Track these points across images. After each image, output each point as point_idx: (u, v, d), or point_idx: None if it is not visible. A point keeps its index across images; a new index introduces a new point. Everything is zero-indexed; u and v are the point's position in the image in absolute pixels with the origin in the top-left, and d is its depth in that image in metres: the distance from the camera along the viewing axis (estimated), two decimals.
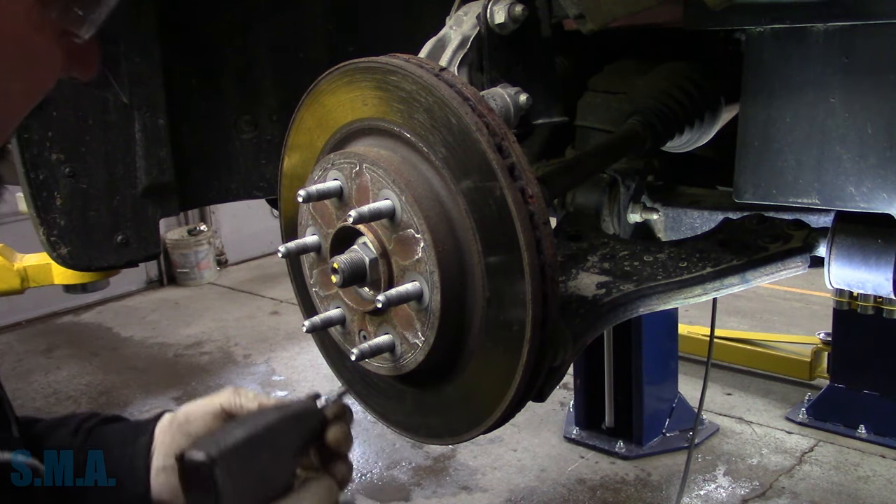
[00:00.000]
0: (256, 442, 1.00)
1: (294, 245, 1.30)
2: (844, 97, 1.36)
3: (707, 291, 1.53)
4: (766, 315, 7.13)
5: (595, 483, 4.79)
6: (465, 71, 1.42)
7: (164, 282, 9.08)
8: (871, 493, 4.57)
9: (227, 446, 0.97)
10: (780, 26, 1.40)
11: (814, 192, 1.43)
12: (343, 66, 1.25)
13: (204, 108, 2.08)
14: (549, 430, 5.37)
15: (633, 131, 1.75)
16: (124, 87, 1.86)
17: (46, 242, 1.87)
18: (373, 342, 1.21)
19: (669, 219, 1.95)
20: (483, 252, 1.12)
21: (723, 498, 4.63)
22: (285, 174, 1.46)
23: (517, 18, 1.38)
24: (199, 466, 0.95)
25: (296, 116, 1.38)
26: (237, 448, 0.98)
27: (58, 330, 7.79)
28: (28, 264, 5.41)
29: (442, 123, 1.12)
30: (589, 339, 1.42)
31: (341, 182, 1.23)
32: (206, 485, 0.94)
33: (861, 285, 1.52)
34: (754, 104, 1.48)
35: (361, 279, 1.20)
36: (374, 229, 1.19)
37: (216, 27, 2.05)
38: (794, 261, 1.55)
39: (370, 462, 5.08)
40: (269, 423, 1.03)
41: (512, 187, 1.07)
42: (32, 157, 1.80)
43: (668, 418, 5.15)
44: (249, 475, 0.98)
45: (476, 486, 4.83)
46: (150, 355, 7.09)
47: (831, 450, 5.00)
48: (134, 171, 1.91)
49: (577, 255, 1.60)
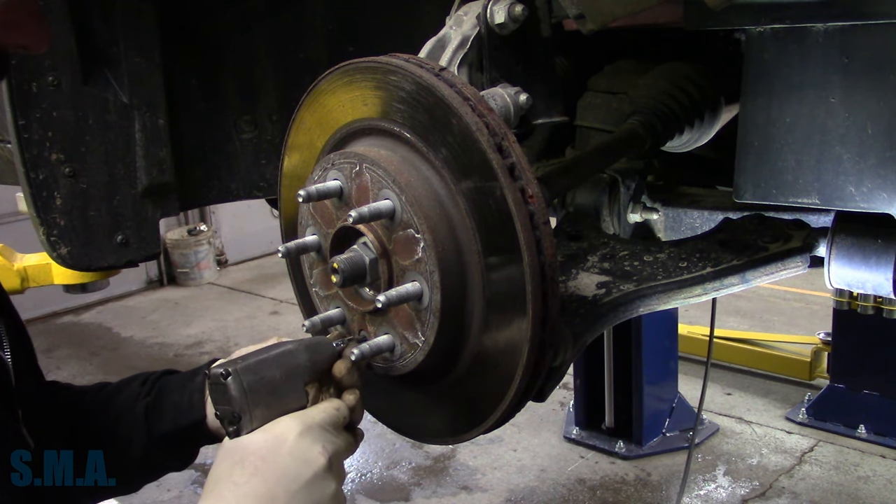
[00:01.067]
0: (270, 362, 1.14)
1: (294, 245, 1.30)
2: (844, 97, 1.36)
3: (707, 291, 1.53)
4: (766, 315, 7.14)
5: (595, 483, 4.79)
6: (465, 71, 1.41)
7: (164, 282, 9.09)
8: (871, 493, 4.57)
9: (242, 365, 1.12)
10: (780, 26, 1.39)
11: (814, 192, 1.43)
12: (343, 66, 1.25)
13: (204, 108, 2.08)
14: (549, 430, 5.37)
15: (633, 131, 1.75)
16: (124, 87, 1.86)
17: (46, 242, 1.87)
18: (373, 342, 1.21)
19: (669, 219, 1.95)
20: (483, 252, 1.12)
21: (723, 498, 4.63)
22: (285, 174, 1.46)
23: (517, 18, 1.38)
24: (217, 380, 1.11)
25: (296, 116, 1.38)
26: (250, 366, 1.12)
27: (58, 330, 7.79)
28: (28, 264, 5.42)
29: (442, 123, 1.12)
30: (589, 339, 1.42)
31: (341, 182, 1.23)
32: (225, 394, 1.11)
33: (861, 285, 1.52)
34: (754, 104, 1.48)
35: (361, 279, 1.20)
36: (374, 229, 1.19)
37: (216, 27, 2.05)
38: (794, 261, 1.55)
39: (370, 462, 5.08)
40: (284, 349, 1.16)
41: (512, 187, 1.07)
42: (32, 157, 1.80)
43: (668, 418, 5.15)
44: (263, 390, 1.11)
45: (476, 486, 4.83)
46: (150, 355, 7.09)
47: (831, 450, 5.00)
48: (134, 171, 1.91)
49: (577, 255, 1.60)
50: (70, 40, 1.78)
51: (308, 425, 1.11)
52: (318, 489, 1.08)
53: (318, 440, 1.10)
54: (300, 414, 1.13)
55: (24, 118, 1.77)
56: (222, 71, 2.09)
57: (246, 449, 1.09)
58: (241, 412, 1.10)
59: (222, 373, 1.10)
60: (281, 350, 1.16)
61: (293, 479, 1.06)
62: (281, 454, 1.07)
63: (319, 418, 1.13)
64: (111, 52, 1.85)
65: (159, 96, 1.91)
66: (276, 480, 1.06)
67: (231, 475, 1.06)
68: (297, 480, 1.06)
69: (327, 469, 1.09)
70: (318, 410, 1.14)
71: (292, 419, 1.11)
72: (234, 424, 1.11)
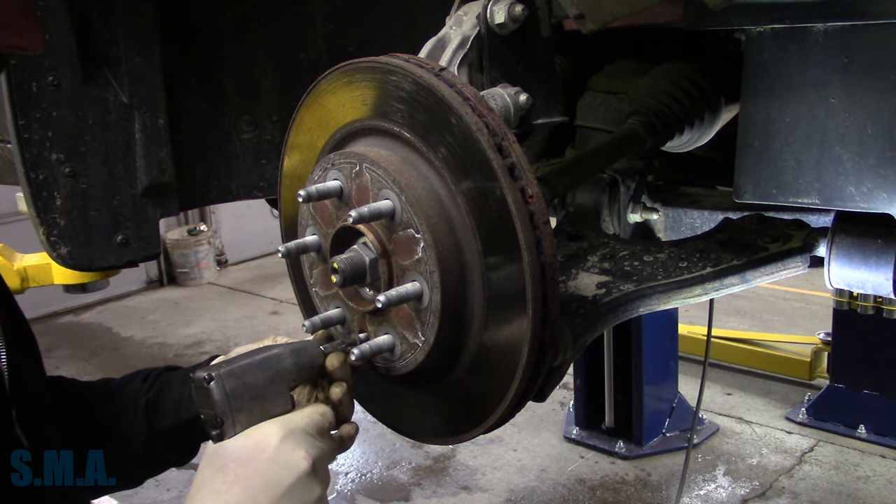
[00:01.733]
0: (254, 367, 1.13)
1: (294, 245, 1.30)
2: (844, 97, 1.36)
3: (707, 291, 1.53)
4: (766, 315, 7.14)
5: (595, 483, 4.79)
6: (465, 71, 1.41)
7: (164, 282, 9.09)
8: (871, 493, 4.57)
9: (225, 369, 1.11)
10: (780, 26, 1.40)
11: (814, 192, 1.43)
12: (343, 66, 1.25)
13: (204, 108, 2.08)
14: (549, 430, 5.37)
15: (632, 131, 1.75)
16: (124, 87, 1.86)
17: (46, 242, 1.87)
18: (373, 342, 1.21)
19: (669, 219, 1.95)
20: (483, 252, 1.12)
21: (723, 498, 4.63)
22: (285, 174, 1.46)
23: (517, 18, 1.38)
24: (200, 384, 1.10)
25: (296, 116, 1.38)
26: (233, 371, 1.11)
27: (58, 330, 7.79)
28: (28, 264, 5.42)
29: (442, 123, 1.12)
30: (589, 339, 1.42)
31: (341, 182, 1.23)
32: (208, 398, 1.10)
33: (861, 285, 1.52)
34: (754, 104, 1.48)
35: (361, 279, 1.20)
36: (374, 229, 1.19)
37: (216, 27, 2.05)
38: (794, 261, 1.55)
39: (370, 462, 5.08)
40: (269, 354, 1.16)
41: (512, 187, 1.07)
42: (32, 157, 1.80)
43: (668, 418, 5.16)
44: (246, 395, 1.11)
45: (476, 486, 4.83)
46: (150, 355, 7.09)
47: (831, 450, 5.00)
48: (134, 171, 1.91)
49: (577, 255, 1.60)
50: (70, 40, 1.78)
51: (290, 430, 1.10)
52: (301, 494, 1.07)
53: (301, 445, 1.09)
54: (283, 419, 1.12)
55: (24, 118, 1.77)
56: (222, 71, 2.09)
57: (228, 456, 1.08)
58: (223, 417, 1.10)
59: (206, 377, 1.10)
60: (266, 354, 1.15)
61: (275, 485, 1.06)
62: (262, 460, 1.07)
63: (303, 423, 1.12)
64: (111, 52, 1.85)
65: (159, 96, 1.91)
66: (258, 487, 1.05)
67: (213, 483, 1.06)
68: (279, 486, 1.06)
69: (310, 474, 1.09)
70: (301, 415, 1.13)
71: (274, 424, 1.10)
72: (217, 429, 1.11)
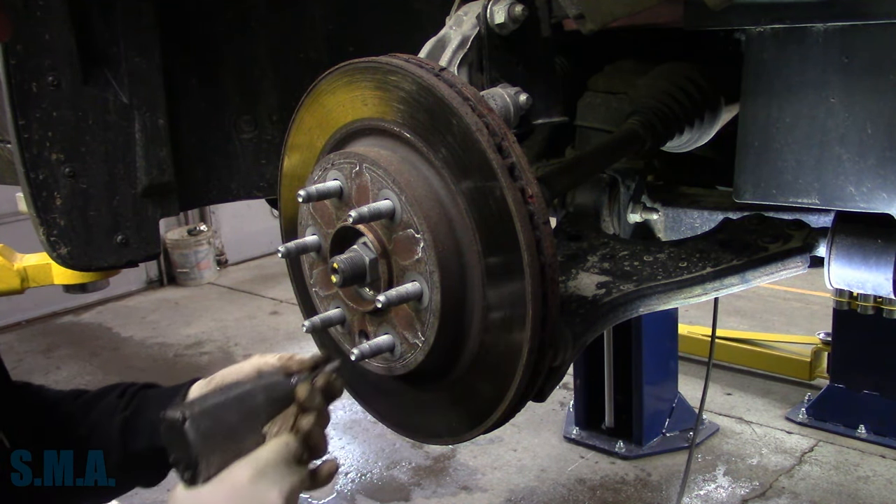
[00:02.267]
0: (227, 405, 1.13)
1: (294, 245, 1.30)
2: (844, 97, 1.36)
3: (707, 291, 1.53)
4: (766, 315, 7.13)
5: (595, 483, 4.79)
6: (465, 71, 1.41)
7: (164, 282, 9.09)
8: (871, 493, 4.57)
9: (199, 408, 1.11)
10: (780, 26, 1.40)
11: (814, 192, 1.43)
12: (343, 66, 1.25)
13: (204, 108, 2.08)
14: (549, 430, 5.37)
15: (632, 131, 1.75)
16: (124, 87, 1.86)
17: (46, 242, 1.87)
18: (373, 342, 1.21)
19: (669, 219, 1.95)
20: (483, 252, 1.12)
21: (723, 498, 4.63)
22: (285, 174, 1.46)
23: (517, 18, 1.38)
24: (173, 424, 1.09)
25: (296, 116, 1.38)
26: (207, 410, 1.11)
27: (58, 330, 7.79)
28: (28, 264, 5.41)
29: (442, 123, 1.12)
30: (589, 339, 1.42)
31: (341, 182, 1.23)
32: (181, 439, 1.09)
33: (861, 285, 1.52)
34: (754, 104, 1.48)
35: (361, 279, 1.20)
36: (374, 229, 1.19)
37: (216, 27, 2.05)
38: (794, 261, 1.55)
39: (370, 462, 5.08)
40: (242, 391, 1.16)
41: (512, 187, 1.07)
42: (32, 157, 1.80)
43: (668, 418, 5.15)
44: (219, 434, 1.10)
45: (476, 486, 4.83)
46: (150, 355, 7.09)
47: (831, 450, 5.00)
48: (134, 170, 1.91)
49: (577, 255, 1.60)
50: (70, 40, 1.77)
51: (259, 469, 1.10)
52: None
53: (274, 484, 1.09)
54: (252, 458, 1.11)
55: (24, 118, 1.77)
56: (222, 71, 2.09)
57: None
58: (197, 459, 1.08)
59: (179, 418, 1.08)
60: (239, 392, 1.15)
61: None
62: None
63: (270, 458, 1.11)
64: (111, 52, 1.85)
65: (159, 96, 1.91)
66: None
67: None
68: None
69: None
70: (266, 450, 1.13)
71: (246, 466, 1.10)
72: (189, 470, 1.09)
